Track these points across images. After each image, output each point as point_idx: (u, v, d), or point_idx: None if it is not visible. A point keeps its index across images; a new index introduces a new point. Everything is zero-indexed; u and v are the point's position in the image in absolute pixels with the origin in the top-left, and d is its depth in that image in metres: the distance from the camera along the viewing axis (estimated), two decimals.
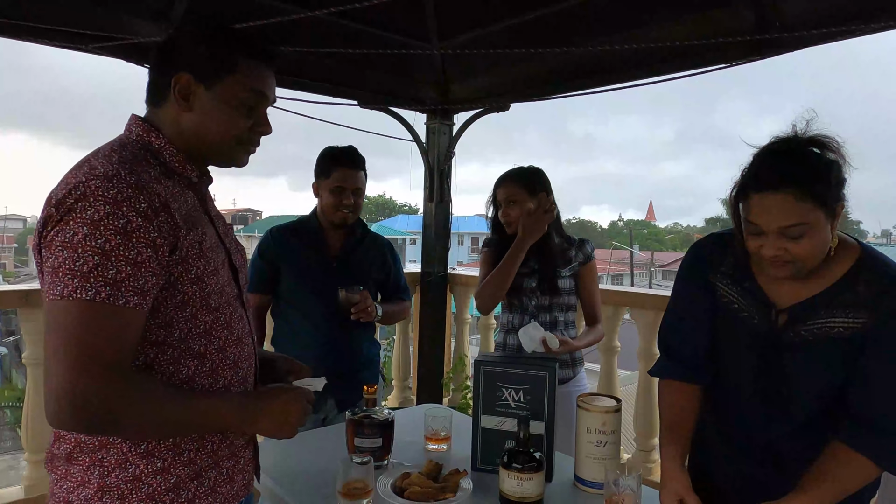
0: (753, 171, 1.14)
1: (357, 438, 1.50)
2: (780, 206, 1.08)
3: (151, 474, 0.98)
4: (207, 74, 1.03)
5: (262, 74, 1.08)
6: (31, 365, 2.40)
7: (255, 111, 1.08)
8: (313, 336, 2.04)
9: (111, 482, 0.96)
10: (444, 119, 3.50)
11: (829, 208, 1.10)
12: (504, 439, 1.42)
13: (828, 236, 1.12)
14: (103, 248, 0.87)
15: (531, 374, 1.47)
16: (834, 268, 1.17)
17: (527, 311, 2.08)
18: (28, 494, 2.40)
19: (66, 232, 0.87)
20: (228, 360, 1.07)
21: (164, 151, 1.04)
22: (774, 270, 1.16)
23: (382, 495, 1.32)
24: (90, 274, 0.86)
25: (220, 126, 1.05)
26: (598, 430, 1.41)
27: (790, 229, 1.09)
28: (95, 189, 0.89)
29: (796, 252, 1.11)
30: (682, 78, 2.53)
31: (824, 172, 1.10)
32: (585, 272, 2.11)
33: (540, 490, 1.32)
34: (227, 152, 1.09)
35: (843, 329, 1.16)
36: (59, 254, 0.87)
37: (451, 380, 3.61)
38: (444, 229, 3.60)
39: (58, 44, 2.09)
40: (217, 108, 1.04)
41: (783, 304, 1.22)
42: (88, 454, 0.97)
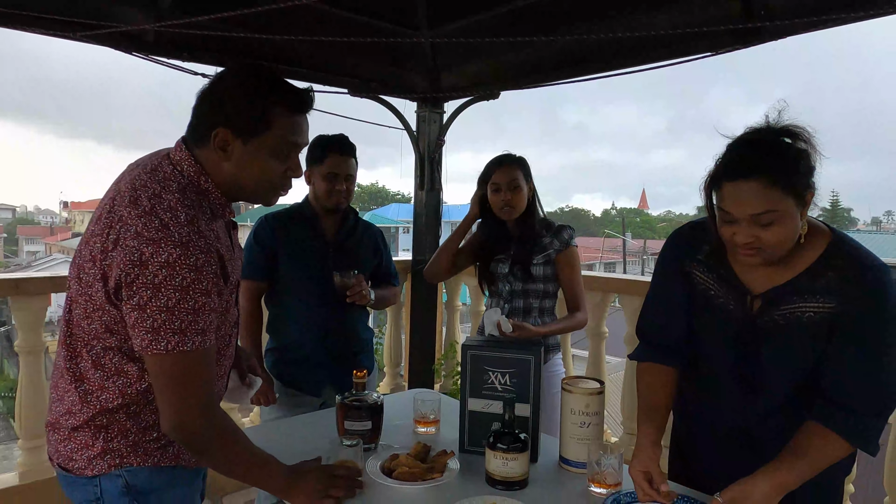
0: (726, 161, 1.17)
1: (347, 422, 1.53)
2: (751, 194, 1.11)
3: (147, 441, 1.16)
4: (245, 131, 1.12)
5: (297, 124, 1.16)
6: (24, 353, 2.41)
7: (289, 158, 1.18)
8: (311, 321, 2.06)
9: (113, 446, 1.13)
10: (435, 107, 3.50)
11: (799, 196, 1.13)
12: (491, 422, 1.45)
13: (798, 224, 1.15)
14: (193, 308, 1.05)
15: (517, 358, 1.50)
16: (805, 254, 1.21)
17: (501, 295, 2.12)
18: (23, 481, 2.43)
19: (161, 298, 1.02)
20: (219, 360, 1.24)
21: (211, 195, 1.15)
22: (746, 258, 1.19)
23: (371, 475, 1.35)
24: (186, 330, 1.05)
25: (255, 175, 1.15)
26: (581, 412, 1.44)
27: (761, 217, 1.12)
28: (177, 258, 1.02)
29: (767, 239, 1.14)
30: (670, 66, 2.55)
31: (794, 161, 1.13)
32: (563, 259, 2.09)
33: (525, 469, 1.35)
34: (261, 196, 1.21)
35: (814, 314, 1.20)
36: (158, 317, 1.03)
37: (442, 366, 3.65)
38: (435, 217, 3.62)
39: (45, 31, 2.08)
40: (253, 161, 1.14)
41: (757, 290, 1.26)
42: (93, 428, 1.13)
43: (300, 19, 2.65)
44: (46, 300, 2.46)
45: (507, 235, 2.14)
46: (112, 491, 1.13)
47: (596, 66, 2.75)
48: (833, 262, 1.19)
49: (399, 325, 3.66)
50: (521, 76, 3.11)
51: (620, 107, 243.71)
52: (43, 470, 2.47)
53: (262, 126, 1.12)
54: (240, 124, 1.11)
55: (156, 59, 2.52)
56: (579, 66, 2.81)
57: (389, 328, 3.64)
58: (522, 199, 2.07)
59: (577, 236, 2.20)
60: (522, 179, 2.07)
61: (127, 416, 1.13)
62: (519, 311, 2.09)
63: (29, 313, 2.40)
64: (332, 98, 3.16)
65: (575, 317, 2.10)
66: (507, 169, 2.06)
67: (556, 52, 2.81)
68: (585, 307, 2.12)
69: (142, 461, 1.14)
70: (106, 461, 1.13)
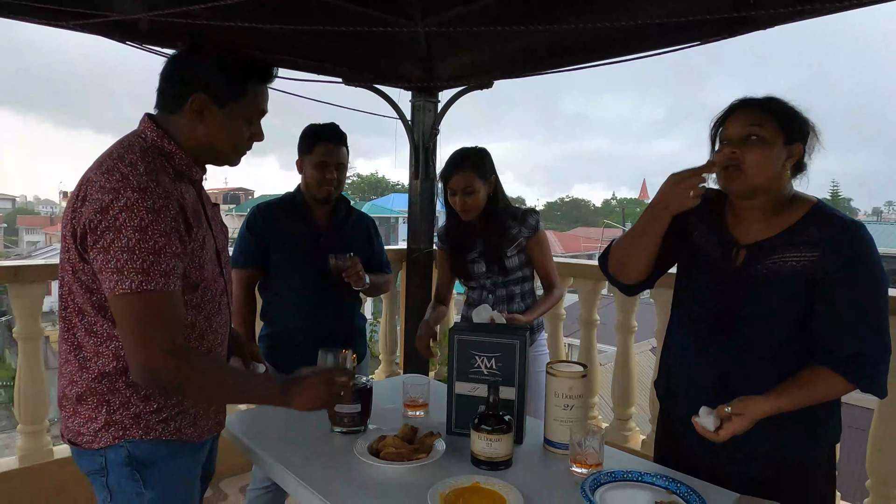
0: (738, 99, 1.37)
1: (337, 405, 1.57)
2: (750, 113, 1.32)
3: (148, 412, 1.21)
4: (222, 98, 1.22)
5: (265, 93, 1.29)
6: (22, 340, 2.45)
7: (254, 124, 1.29)
8: (304, 309, 2.09)
9: (116, 418, 1.19)
10: (429, 96, 3.52)
11: (788, 136, 1.30)
12: (477, 405, 1.48)
13: (778, 162, 1.30)
14: (153, 248, 1.10)
15: (503, 342, 1.53)
16: (790, 214, 1.33)
17: (485, 288, 2.16)
18: (23, 464, 2.47)
19: (122, 239, 1.08)
20: (212, 326, 1.29)
21: (175, 156, 1.23)
22: (727, 181, 1.33)
23: (359, 455, 1.39)
24: (149, 270, 1.09)
25: (227, 138, 1.26)
26: (565, 395, 1.48)
27: (751, 129, 1.29)
28: (136, 201, 1.09)
29: (748, 158, 1.29)
30: (661, 55, 2.58)
31: (792, 111, 1.32)
32: (534, 244, 2.13)
33: (508, 450, 1.39)
34: (230, 157, 1.31)
35: (796, 262, 1.29)
36: (120, 256, 1.08)
37: (437, 352, 3.69)
38: (430, 206, 3.65)
39: (38, 20, 2.10)
40: (226, 124, 1.24)
41: (744, 242, 1.36)
42: (97, 397, 1.19)
43: (294, 8, 2.66)
44: (45, 288, 2.49)
45: (473, 232, 2.15)
46: (116, 461, 1.20)
47: (589, 56, 2.77)
48: (816, 221, 1.30)
49: (394, 313, 3.69)
50: (514, 65, 3.12)
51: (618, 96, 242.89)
52: (42, 454, 2.52)
53: (237, 93, 1.23)
54: (218, 91, 1.21)
55: (149, 48, 2.54)
56: (572, 54, 2.83)
57: (385, 317, 3.68)
58: (478, 201, 2.07)
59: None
60: (478, 181, 2.05)
61: (126, 385, 1.18)
62: (503, 300, 2.13)
63: (27, 300, 2.43)
64: (328, 87, 3.18)
65: (553, 294, 2.18)
66: (460, 175, 2.05)
67: (549, 40, 2.82)
68: (559, 282, 2.22)
69: (143, 434, 1.19)
70: (110, 433, 1.18)
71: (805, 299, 1.28)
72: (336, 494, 1.25)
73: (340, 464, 1.39)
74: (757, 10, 2.11)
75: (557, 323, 3.11)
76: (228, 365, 1.23)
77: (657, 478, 1.32)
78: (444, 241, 2.24)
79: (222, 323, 1.34)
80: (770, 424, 1.27)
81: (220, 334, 1.33)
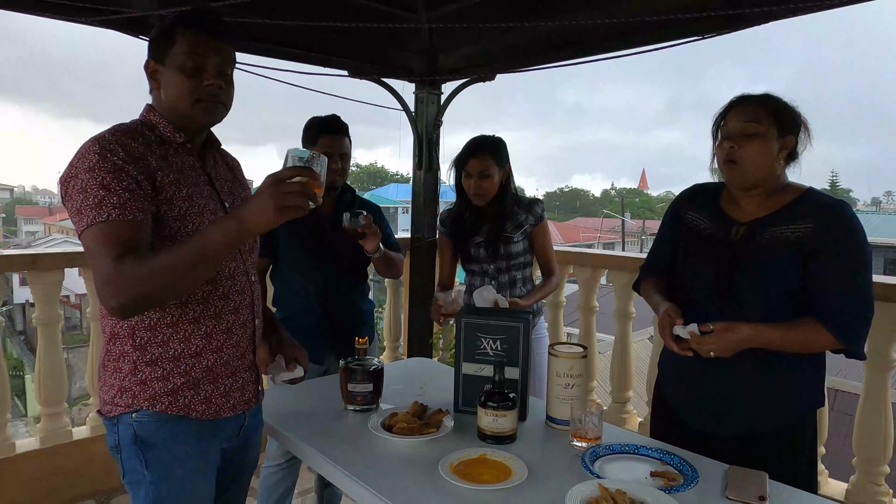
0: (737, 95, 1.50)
1: (350, 384, 1.65)
2: (747, 110, 1.44)
3: (155, 379, 1.23)
4: (158, 53, 1.25)
5: (198, 40, 1.23)
6: (42, 325, 2.54)
7: (202, 71, 1.23)
8: (312, 294, 2.16)
9: (126, 385, 1.23)
10: (433, 89, 3.58)
11: (782, 129, 1.42)
12: (483, 384, 1.57)
13: (773, 153, 1.42)
14: (101, 183, 1.11)
15: (507, 325, 1.62)
16: (784, 197, 1.47)
17: (487, 273, 2.25)
18: (43, 445, 2.57)
19: (75, 183, 1.13)
20: (230, 305, 1.29)
21: (159, 125, 1.27)
22: (728, 176, 1.47)
23: (372, 430, 1.48)
24: (102, 203, 1.11)
25: (175, 91, 1.23)
26: (566, 374, 1.56)
27: (748, 125, 1.42)
28: (87, 149, 1.15)
29: (745, 151, 1.42)
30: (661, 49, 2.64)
31: (785, 106, 1.45)
32: (538, 233, 2.25)
33: (513, 426, 1.48)
34: (190, 112, 1.24)
35: (792, 234, 1.41)
36: (77, 198, 1.12)
37: (440, 340, 3.78)
38: (433, 196, 3.72)
39: (55, 16, 2.16)
40: (170, 78, 1.24)
41: (742, 221, 1.49)
42: (112, 362, 1.25)
43: (304, 3, 2.72)
44: (61, 275, 2.57)
45: (482, 216, 2.23)
46: (126, 439, 1.23)
47: (589, 48, 2.83)
48: (808, 201, 1.44)
49: (398, 302, 3.78)
50: (516, 57, 3.19)
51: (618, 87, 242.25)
52: (62, 435, 2.61)
53: (168, 44, 1.22)
54: (154, 49, 1.25)
55: None
56: (573, 47, 2.89)
57: (389, 305, 3.77)
58: (492, 187, 2.15)
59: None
60: (494, 166, 2.14)
61: (133, 347, 1.22)
62: (505, 285, 2.22)
63: (45, 286, 2.52)
64: (332, 78, 3.24)
65: (551, 280, 2.29)
66: (479, 159, 2.14)
67: (551, 34, 2.89)
68: (557, 270, 2.33)
69: (150, 405, 1.21)
70: (123, 400, 1.22)
71: (800, 269, 1.40)
72: (354, 466, 1.34)
73: (355, 438, 1.48)
74: (751, 8, 2.18)
75: (558, 310, 3.20)
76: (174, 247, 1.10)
77: (652, 450, 1.41)
78: (445, 225, 2.32)
79: (244, 304, 1.33)
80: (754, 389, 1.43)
81: (241, 315, 1.32)
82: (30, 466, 2.53)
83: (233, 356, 1.31)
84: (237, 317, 1.32)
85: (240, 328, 1.33)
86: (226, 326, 1.29)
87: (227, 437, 1.35)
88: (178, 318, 1.23)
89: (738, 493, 1.22)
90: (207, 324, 1.26)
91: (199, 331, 1.25)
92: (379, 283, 4.24)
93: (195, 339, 1.25)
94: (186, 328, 1.24)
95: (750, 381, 1.46)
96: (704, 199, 1.59)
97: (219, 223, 1.10)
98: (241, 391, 1.35)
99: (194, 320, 1.25)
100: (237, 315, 1.31)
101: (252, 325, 1.37)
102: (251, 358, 1.38)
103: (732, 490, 1.23)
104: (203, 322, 1.26)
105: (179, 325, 1.24)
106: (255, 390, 1.41)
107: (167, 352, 1.23)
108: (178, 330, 1.24)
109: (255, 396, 1.40)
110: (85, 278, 2.56)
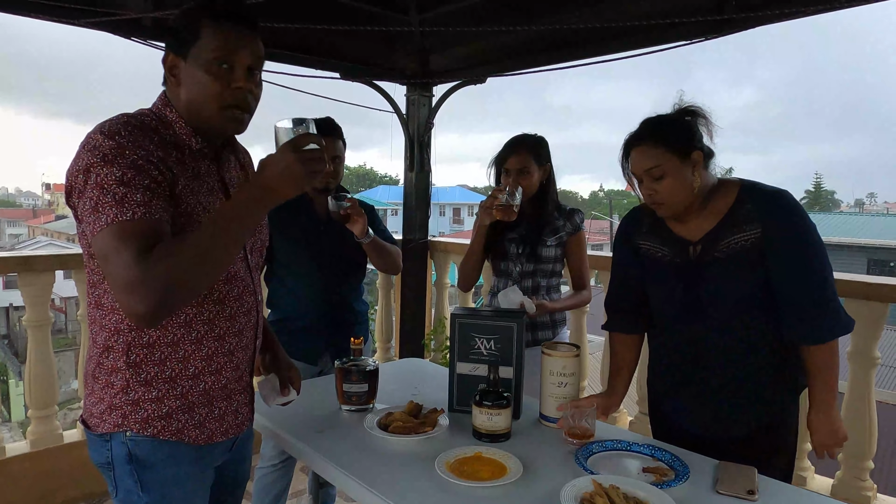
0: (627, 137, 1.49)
1: (345, 384, 1.67)
2: (642, 155, 1.45)
3: (148, 401, 1.15)
4: (180, 47, 1.11)
5: (228, 34, 1.10)
6: (32, 327, 2.52)
7: (232, 72, 1.11)
8: (308, 295, 2.17)
9: (116, 403, 1.15)
10: (424, 91, 3.60)
11: (684, 154, 1.42)
12: (477, 383, 1.59)
13: (688, 179, 1.43)
14: (121, 179, 1.01)
15: (501, 325, 1.64)
16: (723, 200, 1.47)
17: (511, 275, 2.21)
18: (33, 448, 2.56)
19: (92, 177, 1.01)
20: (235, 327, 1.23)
21: (176, 124, 1.16)
22: (657, 211, 1.48)
23: (368, 429, 1.50)
24: (123, 201, 1.00)
25: (199, 92, 1.11)
26: (559, 373, 1.59)
27: (652, 171, 1.43)
28: (101, 142, 1.03)
29: (662, 191, 1.43)
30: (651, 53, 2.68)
31: (675, 127, 1.44)
32: (573, 242, 2.20)
33: (507, 424, 1.50)
34: (214, 119, 1.13)
35: (746, 241, 1.43)
36: (93, 194, 1.01)
37: (432, 341, 3.80)
38: (425, 197, 3.74)
39: (49, 18, 2.16)
40: (193, 76, 1.11)
41: (694, 239, 1.51)
42: (104, 376, 1.16)
43: (292, 4, 2.73)
44: (52, 277, 2.56)
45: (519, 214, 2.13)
46: (120, 456, 1.15)
47: (579, 51, 2.87)
48: (747, 199, 1.45)
49: (390, 303, 3.80)
50: (508, 59, 3.22)
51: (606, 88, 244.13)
52: (52, 438, 2.60)
53: (191, 38, 1.09)
54: (175, 42, 1.12)
55: (153, 43, 2.60)
56: (564, 49, 2.93)
57: (381, 306, 3.78)
58: (532, 185, 2.13)
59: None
60: (533, 164, 2.12)
61: (127, 365, 1.13)
62: (528, 291, 2.17)
63: (36, 288, 2.51)
64: (322, 80, 3.25)
65: (582, 294, 2.26)
66: (518, 155, 2.12)
67: (541, 36, 2.92)
68: (589, 286, 2.29)
69: (141, 428, 1.13)
70: (112, 418, 1.14)
71: (761, 270, 1.43)
72: (352, 465, 1.35)
73: (352, 438, 1.50)
74: (739, 13, 2.23)
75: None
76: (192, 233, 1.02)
77: (644, 447, 1.44)
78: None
79: (249, 325, 1.26)
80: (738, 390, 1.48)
81: (244, 337, 1.25)
82: (20, 470, 2.52)
83: (231, 379, 1.24)
84: (241, 339, 1.25)
85: (241, 351, 1.26)
86: (228, 349, 1.22)
87: (220, 455, 1.29)
88: (180, 337, 1.15)
89: (728, 487, 1.25)
90: (210, 345, 1.19)
91: (199, 352, 1.17)
92: (370, 285, 4.25)
93: (194, 360, 1.17)
94: (186, 349, 1.16)
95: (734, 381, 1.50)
96: (650, 222, 1.58)
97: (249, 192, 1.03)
98: (235, 414, 1.27)
99: (196, 341, 1.17)
100: (241, 337, 1.24)
101: (253, 346, 1.31)
102: (248, 380, 1.33)
103: (723, 485, 1.26)
104: (205, 343, 1.18)
105: (179, 346, 1.15)
106: (250, 411, 1.35)
107: (163, 372, 1.14)
108: (178, 350, 1.15)
109: (248, 418, 1.34)
110: (77, 281, 2.55)
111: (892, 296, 2.20)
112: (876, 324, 2.22)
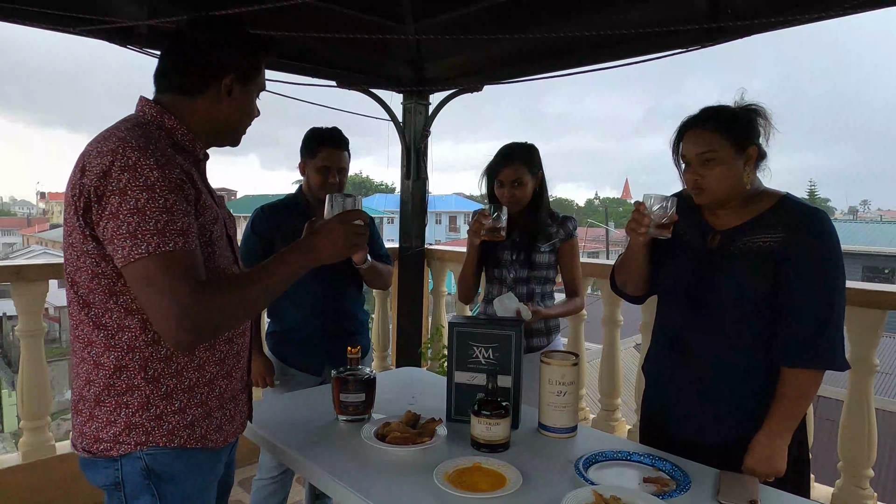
0: (685, 119, 1.50)
1: (342, 394, 1.65)
2: (698, 137, 1.44)
3: (171, 413, 1.15)
4: (246, 77, 1.25)
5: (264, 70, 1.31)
6: (25, 336, 2.50)
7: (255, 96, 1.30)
8: (309, 305, 2.16)
9: (136, 421, 1.12)
10: (420, 99, 3.61)
11: (738, 145, 1.41)
12: (475, 393, 1.58)
13: (738, 172, 1.43)
14: (164, 206, 1.04)
15: (499, 334, 1.63)
16: (760, 205, 1.48)
17: (505, 282, 2.21)
18: (25, 460, 2.52)
19: (129, 200, 1.02)
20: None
21: (176, 131, 1.19)
22: (696, 197, 1.48)
23: (366, 440, 1.48)
24: (165, 230, 1.03)
25: (248, 115, 1.29)
26: (558, 382, 1.58)
27: (704, 154, 1.42)
28: (138, 159, 1.03)
29: (708, 178, 1.43)
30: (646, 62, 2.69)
31: (736, 118, 1.43)
32: (566, 249, 2.21)
33: (506, 434, 1.49)
34: (238, 135, 1.31)
35: (763, 243, 1.43)
36: (131, 220, 1.02)
37: (429, 349, 3.78)
38: (421, 205, 3.74)
39: (46, 26, 2.15)
40: (246, 100, 1.27)
41: (719, 229, 1.51)
42: (114, 398, 1.12)
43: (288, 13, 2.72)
44: (45, 286, 2.54)
45: (512, 222, 2.16)
46: (133, 474, 1.12)
47: (574, 59, 2.88)
48: (784, 210, 1.45)
49: (387, 311, 3.78)
50: (503, 67, 3.22)
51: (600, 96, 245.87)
52: (45, 449, 2.56)
53: (256, 71, 1.27)
54: (245, 70, 1.24)
55: (148, 51, 2.59)
56: (559, 58, 2.93)
57: (377, 314, 3.76)
58: (526, 194, 2.13)
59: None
60: (527, 174, 2.12)
61: (146, 381, 1.11)
62: (522, 298, 2.16)
63: (29, 298, 2.48)
64: (318, 88, 3.25)
65: (575, 301, 2.26)
66: (512, 167, 2.11)
67: (538, 45, 2.92)
68: (583, 293, 2.30)
69: (167, 440, 1.13)
70: (132, 438, 1.11)
71: (772, 277, 1.41)
72: (349, 476, 1.33)
73: (349, 448, 1.48)
74: (733, 21, 2.23)
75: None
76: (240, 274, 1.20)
77: (644, 457, 1.43)
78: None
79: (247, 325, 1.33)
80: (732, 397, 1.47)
81: (246, 337, 1.32)
82: (13, 481, 2.48)
83: (238, 379, 1.29)
84: (244, 339, 1.31)
85: (245, 350, 1.32)
86: (236, 350, 1.27)
87: (224, 458, 1.31)
88: None
89: (729, 497, 1.24)
90: (222, 349, 1.23)
91: (213, 357, 1.21)
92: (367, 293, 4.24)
93: (209, 366, 1.20)
94: (202, 355, 1.18)
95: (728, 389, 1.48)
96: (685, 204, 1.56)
97: (297, 254, 1.20)
98: (240, 415, 1.32)
99: (210, 346, 1.20)
100: (244, 337, 1.31)
101: (249, 346, 1.37)
102: (248, 379, 1.37)
103: (724, 495, 1.25)
104: (217, 348, 1.22)
105: (196, 353, 1.17)
106: (249, 409, 1.40)
107: (181, 383, 1.15)
108: (194, 358, 1.17)
109: (248, 416, 1.39)
110: None
111: (891, 303, 2.20)
112: (874, 331, 2.22)
